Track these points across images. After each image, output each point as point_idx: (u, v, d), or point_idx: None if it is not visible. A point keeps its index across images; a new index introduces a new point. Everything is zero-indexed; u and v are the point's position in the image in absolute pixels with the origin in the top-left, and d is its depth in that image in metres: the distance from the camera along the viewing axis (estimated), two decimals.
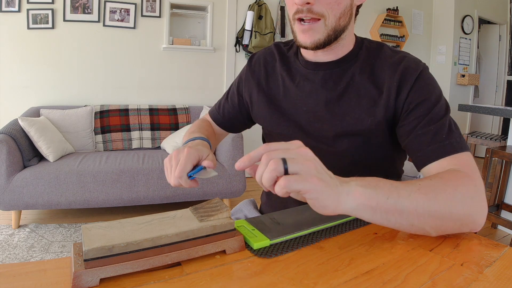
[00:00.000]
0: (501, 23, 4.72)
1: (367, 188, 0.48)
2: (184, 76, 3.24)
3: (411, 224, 0.50)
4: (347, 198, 0.46)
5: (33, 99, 2.85)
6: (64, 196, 2.24)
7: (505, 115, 2.34)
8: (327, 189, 0.44)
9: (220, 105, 0.93)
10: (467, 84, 4.27)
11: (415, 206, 0.49)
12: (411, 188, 0.50)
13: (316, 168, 0.44)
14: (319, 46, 0.67)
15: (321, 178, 0.44)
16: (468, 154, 0.61)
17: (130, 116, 2.87)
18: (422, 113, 0.65)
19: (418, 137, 0.65)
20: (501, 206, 2.42)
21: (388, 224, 0.50)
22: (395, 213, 0.49)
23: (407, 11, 4.13)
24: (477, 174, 0.58)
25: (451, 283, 0.44)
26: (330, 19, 0.64)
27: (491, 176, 2.50)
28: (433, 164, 0.62)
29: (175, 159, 0.62)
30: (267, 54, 0.85)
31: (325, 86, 0.74)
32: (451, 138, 0.63)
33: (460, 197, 0.52)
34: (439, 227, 0.52)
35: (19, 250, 1.97)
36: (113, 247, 0.42)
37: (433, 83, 0.68)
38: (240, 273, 0.45)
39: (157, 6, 3.05)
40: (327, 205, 0.45)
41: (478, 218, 0.53)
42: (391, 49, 0.75)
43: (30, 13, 2.74)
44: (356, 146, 0.73)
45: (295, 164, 0.43)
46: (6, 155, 2.12)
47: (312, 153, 0.46)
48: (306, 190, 0.43)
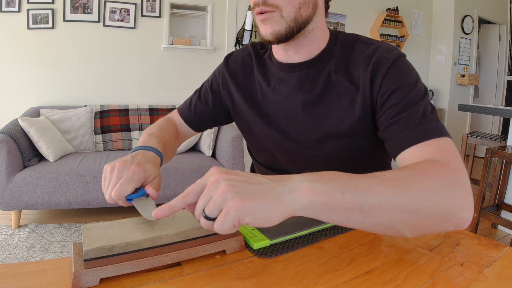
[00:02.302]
0: (501, 23, 4.71)
1: (317, 182, 0.42)
2: (184, 76, 3.24)
3: (377, 223, 0.43)
4: (293, 196, 0.41)
5: (33, 99, 2.85)
6: (64, 196, 2.24)
7: (505, 115, 2.34)
8: (258, 201, 0.39)
9: (192, 102, 0.87)
10: (467, 84, 4.27)
11: (378, 200, 0.42)
12: (373, 181, 0.44)
13: (232, 191, 0.39)
14: (280, 39, 0.64)
15: (243, 197, 0.39)
16: (445, 140, 0.55)
17: (130, 116, 2.87)
18: (396, 101, 0.61)
19: (390, 125, 0.61)
20: (501, 206, 2.42)
21: (350, 223, 0.43)
22: (354, 210, 0.42)
23: (407, 11, 4.13)
24: (457, 162, 0.51)
25: (451, 283, 0.44)
26: (287, 9, 0.61)
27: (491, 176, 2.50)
28: (405, 152, 0.57)
29: (117, 173, 0.54)
30: (244, 55, 0.81)
31: (302, 88, 0.71)
32: (424, 124, 0.57)
33: (435, 188, 0.45)
34: (413, 226, 0.45)
35: (19, 250, 1.97)
36: (113, 247, 0.42)
37: (407, 70, 0.64)
38: (240, 273, 0.45)
39: (157, 6, 3.05)
40: (269, 216, 0.39)
41: (461, 212, 0.46)
42: (366, 41, 0.70)
43: (30, 13, 2.74)
44: (341, 148, 0.70)
45: (212, 208, 0.39)
46: (6, 155, 2.12)
47: (224, 174, 0.41)
48: (236, 220, 0.38)
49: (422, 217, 0.44)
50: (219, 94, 0.84)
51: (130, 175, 0.53)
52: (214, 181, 0.40)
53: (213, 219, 0.39)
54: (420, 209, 0.44)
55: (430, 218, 0.45)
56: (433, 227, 0.46)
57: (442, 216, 0.45)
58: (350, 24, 3.81)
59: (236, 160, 2.59)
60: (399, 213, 0.43)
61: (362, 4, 3.87)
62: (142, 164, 0.56)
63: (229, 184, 0.40)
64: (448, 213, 0.45)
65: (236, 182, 0.40)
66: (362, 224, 0.44)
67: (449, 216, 0.45)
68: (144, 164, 0.56)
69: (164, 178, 2.42)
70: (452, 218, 0.46)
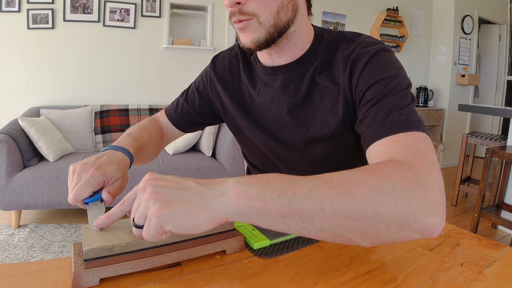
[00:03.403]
0: (501, 23, 4.71)
1: (250, 186, 0.38)
2: (184, 76, 3.24)
3: (321, 229, 0.39)
4: (221, 201, 0.38)
5: (33, 99, 2.85)
6: (64, 196, 2.24)
7: (505, 115, 2.34)
8: (179, 207, 0.37)
9: (178, 104, 0.85)
10: (467, 84, 4.27)
11: (319, 205, 0.38)
12: (316, 183, 0.39)
13: (154, 197, 0.38)
14: (261, 46, 0.61)
15: (163, 203, 0.37)
16: (415, 135, 0.49)
17: (130, 116, 2.87)
18: (371, 97, 0.57)
19: (361, 120, 0.57)
20: (501, 206, 2.42)
21: (290, 230, 0.39)
22: (293, 216, 0.38)
23: (407, 11, 4.13)
24: (424, 159, 0.44)
25: (451, 283, 0.44)
26: (264, 16, 0.58)
27: (491, 176, 2.50)
28: (370, 147, 0.52)
29: (76, 176, 0.53)
30: (232, 56, 0.79)
31: (286, 91, 0.69)
32: (393, 117, 0.51)
33: (388, 190, 0.39)
34: (365, 233, 0.39)
35: (19, 250, 1.97)
36: (113, 247, 0.42)
37: (385, 64, 0.59)
38: (240, 273, 0.45)
39: (157, 6, 3.05)
40: (192, 223, 0.37)
41: (424, 217, 0.39)
42: (350, 38, 0.67)
43: (30, 13, 2.74)
44: (330, 150, 0.69)
45: (139, 216, 0.39)
46: (6, 155, 2.12)
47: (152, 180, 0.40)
48: (158, 227, 0.37)
49: (373, 223, 0.38)
50: (206, 96, 0.82)
51: (87, 178, 0.52)
52: (142, 188, 0.40)
53: (142, 227, 0.39)
54: (369, 214, 0.38)
55: (384, 225, 0.39)
56: (391, 235, 0.40)
57: (398, 223, 0.39)
58: (350, 24, 3.81)
59: (236, 160, 2.59)
60: (344, 219, 0.38)
61: (362, 4, 3.87)
62: (103, 167, 0.55)
63: (153, 190, 0.39)
64: (405, 218, 0.39)
65: (161, 188, 0.39)
66: (305, 231, 0.39)
67: (407, 222, 0.39)
68: (105, 167, 0.55)
69: None
70: (412, 224, 0.39)
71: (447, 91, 4.27)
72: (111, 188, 0.56)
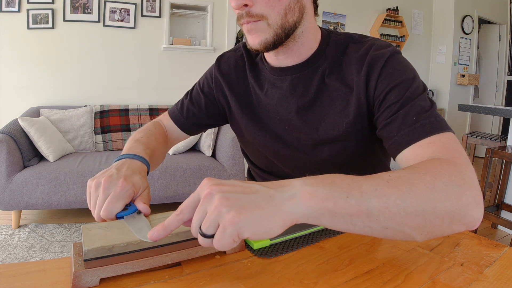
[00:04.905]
0: (501, 23, 4.71)
1: (319, 186, 0.39)
2: (184, 76, 3.24)
3: (385, 227, 0.40)
4: (292, 203, 0.38)
5: (33, 99, 2.85)
6: (64, 196, 2.24)
7: (505, 115, 2.34)
8: (256, 212, 0.36)
9: (184, 105, 0.83)
10: (467, 84, 4.27)
11: (385, 203, 0.40)
12: (378, 182, 0.41)
13: (227, 204, 0.37)
14: (269, 47, 0.62)
15: (239, 209, 0.36)
16: (447, 135, 0.52)
17: (130, 116, 2.87)
18: (393, 100, 0.58)
19: (388, 124, 0.58)
20: (501, 206, 2.42)
21: (356, 229, 0.40)
22: (361, 215, 0.39)
23: (407, 11, 4.13)
24: (463, 158, 0.48)
25: (451, 283, 0.44)
26: (273, 17, 0.59)
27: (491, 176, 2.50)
28: (405, 151, 0.54)
29: (103, 191, 0.51)
30: (237, 57, 0.78)
31: (295, 92, 0.69)
32: (423, 120, 0.54)
33: (442, 187, 0.42)
34: (423, 228, 0.42)
35: (19, 250, 1.97)
36: (113, 247, 0.42)
37: (402, 67, 0.61)
38: (240, 273, 0.45)
39: (157, 6, 3.05)
40: (268, 227, 0.37)
41: (470, 211, 0.43)
42: (359, 40, 0.68)
43: (30, 13, 2.74)
44: (338, 152, 0.68)
45: (208, 225, 0.37)
46: (6, 155, 2.12)
47: (217, 186, 0.39)
48: (235, 235, 0.36)
49: (430, 218, 0.41)
50: (212, 96, 0.81)
51: (118, 192, 0.51)
52: (207, 194, 0.38)
53: (211, 236, 0.37)
54: (428, 210, 0.41)
55: (439, 219, 0.42)
56: (443, 229, 0.43)
57: (451, 216, 0.42)
58: (350, 24, 3.81)
59: (236, 160, 2.59)
60: (407, 215, 0.40)
61: (362, 4, 3.87)
62: (129, 178, 0.53)
63: (223, 196, 0.37)
64: (457, 213, 0.42)
65: (230, 193, 0.38)
66: (369, 230, 0.40)
67: (458, 216, 0.42)
68: (131, 177, 0.54)
69: (164, 178, 2.42)
70: (462, 218, 0.43)
71: (447, 91, 4.27)
72: (143, 198, 0.54)
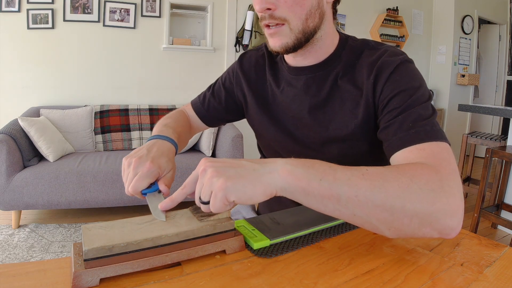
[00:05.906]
0: (501, 23, 4.71)
1: (298, 167, 0.45)
2: (184, 76, 3.24)
3: (353, 214, 0.45)
4: (272, 177, 0.45)
5: (33, 99, 2.85)
6: (64, 196, 2.24)
7: (505, 115, 2.34)
8: (240, 181, 0.44)
9: (205, 98, 0.89)
10: (467, 84, 4.27)
11: (354, 192, 0.44)
12: (354, 173, 0.45)
13: (217, 175, 0.44)
14: (289, 50, 0.65)
15: (226, 178, 0.44)
16: (439, 145, 0.54)
17: (130, 116, 2.87)
18: (396, 105, 0.61)
19: (386, 127, 0.61)
20: (501, 206, 2.42)
21: (327, 210, 0.46)
22: (331, 198, 0.44)
23: (407, 11, 4.13)
24: (449, 167, 0.49)
25: (451, 283, 0.44)
26: (294, 22, 0.62)
27: (491, 176, 2.50)
28: (397, 154, 0.57)
29: (133, 169, 0.59)
30: (258, 56, 0.83)
31: (308, 92, 0.72)
32: (418, 127, 0.56)
33: (416, 189, 0.45)
34: (390, 223, 0.45)
35: (19, 250, 1.97)
36: (113, 247, 0.42)
37: (410, 75, 0.64)
38: (240, 273, 0.45)
39: (157, 6, 3.05)
40: (251, 194, 0.44)
41: (444, 218, 0.45)
42: (374, 46, 0.70)
43: (30, 13, 2.74)
44: (345, 151, 0.72)
45: (205, 194, 0.46)
46: (6, 155, 2.12)
47: (210, 162, 0.47)
48: (224, 199, 0.44)
49: (398, 216, 0.44)
50: (232, 92, 0.86)
51: (145, 172, 0.58)
52: (202, 170, 0.46)
53: (208, 202, 0.45)
54: (397, 208, 0.44)
55: (408, 219, 0.44)
56: (413, 229, 0.45)
57: (420, 219, 0.44)
58: (350, 24, 3.81)
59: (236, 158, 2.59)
60: (374, 207, 0.44)
61: (362, 4, 3.87)
62: (157, 160, 0.60)
63: (214, 170, 0.45)
64: (427, 216, 0.44)
65: (221, 167, 0.45)
66: (338, 213, 0.46)
67: (429, 220, 0.45)
68: (158, 160, 0.61)
69: None
70: (433, 223, 0.45)
71: (447, 91, 4.27)
72: (165, 180, 0.61)
